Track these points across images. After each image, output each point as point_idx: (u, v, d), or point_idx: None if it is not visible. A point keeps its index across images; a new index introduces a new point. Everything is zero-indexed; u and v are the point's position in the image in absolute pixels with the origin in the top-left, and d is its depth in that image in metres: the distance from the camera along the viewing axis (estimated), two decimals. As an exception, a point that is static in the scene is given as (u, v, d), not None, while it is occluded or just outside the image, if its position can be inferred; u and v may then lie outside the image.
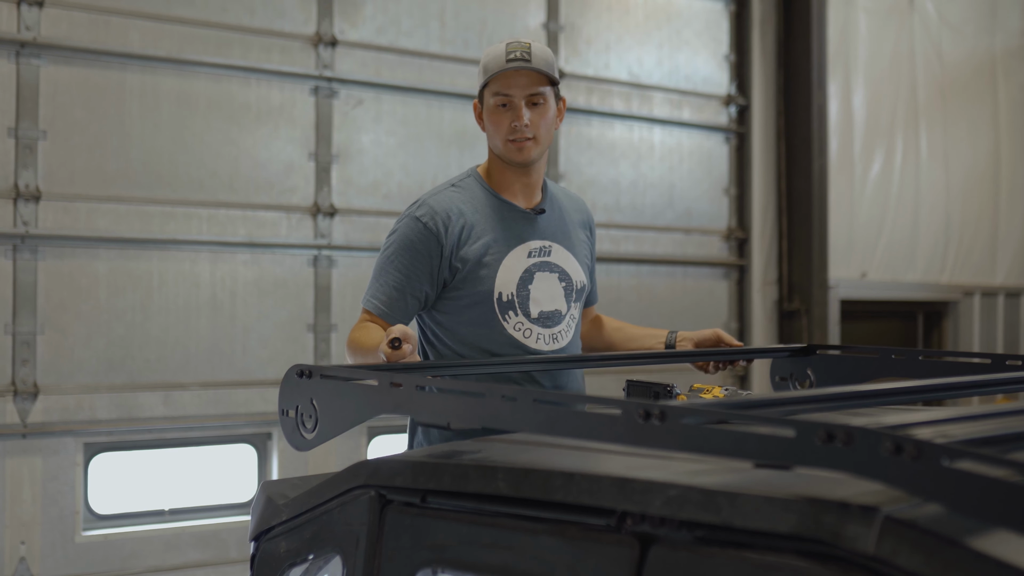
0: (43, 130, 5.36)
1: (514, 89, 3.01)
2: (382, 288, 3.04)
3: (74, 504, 5.45)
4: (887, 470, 1.39)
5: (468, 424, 2.01)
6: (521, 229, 3.11)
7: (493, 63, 3.02)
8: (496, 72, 3.00)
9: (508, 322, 3.04)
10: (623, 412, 1.67)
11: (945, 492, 1.33)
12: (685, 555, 1.63)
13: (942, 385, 2.16)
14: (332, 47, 6.13)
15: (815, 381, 3.08)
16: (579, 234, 3.26)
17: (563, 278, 3.15)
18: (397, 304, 3.02)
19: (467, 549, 1.94)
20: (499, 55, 3.01)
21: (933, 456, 1.35)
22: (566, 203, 3.28)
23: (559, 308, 3.12)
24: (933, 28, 8.91)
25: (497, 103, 3.03)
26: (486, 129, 3.10)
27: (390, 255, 3.05)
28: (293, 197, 6.03)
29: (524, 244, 3.10)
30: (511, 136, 3.03)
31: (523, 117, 3.00)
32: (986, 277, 9.40)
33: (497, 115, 3.04)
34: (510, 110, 3.02)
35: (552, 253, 3.14)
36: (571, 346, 3.17)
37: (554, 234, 3.17)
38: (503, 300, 3.04)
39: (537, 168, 3.14)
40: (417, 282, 3.02)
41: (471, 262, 3.03)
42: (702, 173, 7.74)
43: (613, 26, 7.30)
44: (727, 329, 7.85)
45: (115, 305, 5.54)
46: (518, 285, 3.06)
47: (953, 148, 9.10)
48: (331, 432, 2.27)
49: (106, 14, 5.53)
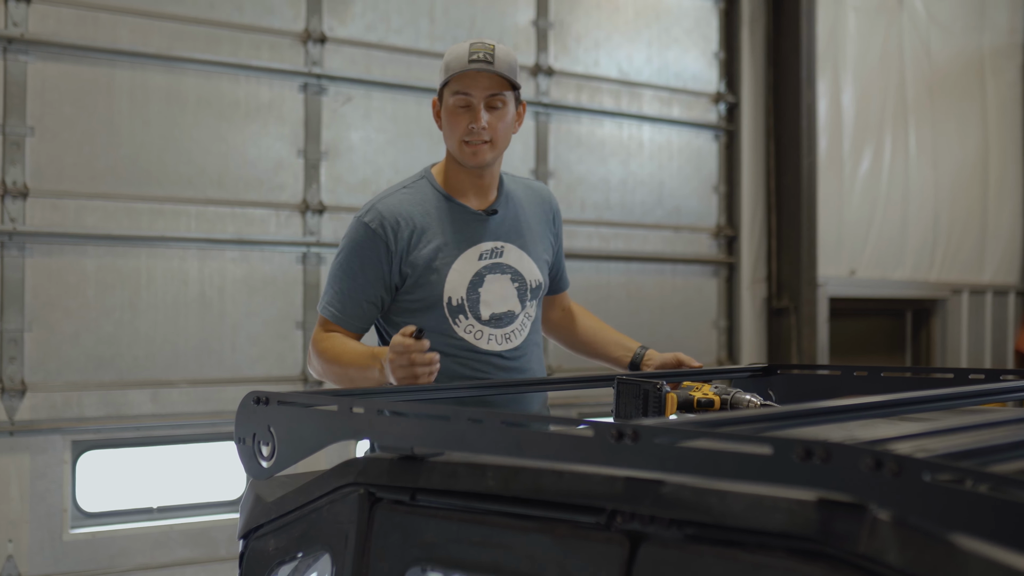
0: (31, 127, 5.34)
1: (474, 90, 2.98)
2: (337, 295, 3.04)
3: (62, 502, 5.44)
4: (867, 486, 1.38)
5: (433, 448, 2.00)
6: (472, 231, 3.09)
7: (455, 62, 2.98)
8: (457, 71, 2.97)
9: (459, 325, 3.03)
10: (595, 433, 1.66)
11: (927, 507, 1.32)
12: (675, 553, 1.63)
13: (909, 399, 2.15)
14: (321, 44, 6.12)
15: (777, 401, 3.06)
16: (538, 229, 3.23)
17: (516, 278, 3.12)
18: (353, 311, 3.03)
19: (456, 547, 1.94)
20: (462, 54, 2.98)
21: (914, 471, 1.34)
22: (525, 197, 3.25)
23: (512, 309, 3.11)
24: (922, 26, 8.93)
25: (456, 103, 3.00)
26: (443, 128, 3.07)
27: (342, 261, 3.05)
28: (282, 194, 6.02)
29: (475, 247, 3.08)
30: (467, 137, 3.00)
31: (481, 119, 2.97)
32: (974, 275, 9.43)
33: (455, 115, 3.01)
34: (468, 111, 2.99)
35: (504, 254, 3.11)
36: (526, 344, 3.15)
37: (507, 234, 3.14)
38: (453, 304, 3.03)
39: (491, 170, 3.12)
40: (371, 288, 3.01)
41: (420, 267, 3.01)
42: (691, 171, 7.75)
43: (602, 23, 7.30)
44: (716, 327, 7.86)
45: (103, 302, 5.52)
46: (468, 289, 3.04)
47: (942, 146, 9.12)
48: (290, 460, 2.22)
49: (95, 10, 5.51)
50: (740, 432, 1.64)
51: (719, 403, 2.61)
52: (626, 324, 7.15)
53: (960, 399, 2.30)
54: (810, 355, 7.93)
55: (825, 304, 8.14)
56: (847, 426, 2.14)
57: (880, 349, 9.29)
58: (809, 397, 2.99)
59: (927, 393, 2.20)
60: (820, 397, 2.87)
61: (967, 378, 2.80)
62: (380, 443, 2.17)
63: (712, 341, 7.87)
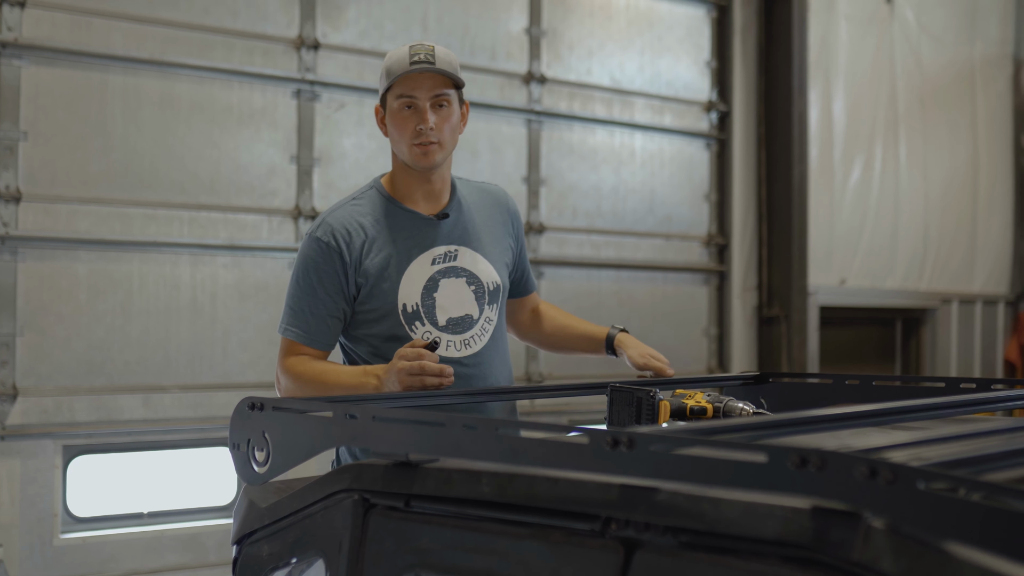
0: (24, 131, 5.34)
1: (418, 91, 2.97)
2: (299, 315, 3.01)
3: (52, 507, 5.43)
4: (862, 494, 1.38)
5: (428, 454, 2.00)
6: (424, 236, 3.06)
7: (396, 66, 2.97)
8: (400, 74, 2.95)
9: (416, 332, 3.00)
10: (591, 440, 1.66)
11: (922, 515, 1.33)
12: (669, 560, 1.64)
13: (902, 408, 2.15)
14: (315, 50, 6.12)
15: (769, 409, 3.07)
16: (494, 231, 3.21)
17: (472, 281, 3.09)
18: (318, 327, 3.00)
19: (451, 553, 1.94)
20: (402, 58, 2.97)
21: (909, 479, 1.34)
22: (479, 200, 3.22)
23: (469, 313, 3.08)
24: (913, 36, 8.96)
25: (401, 105, 2.98)
26: (389, 134, 3.05)
27: (298, 280, 3.01)
28: (274, 200, 6.02)
29: (427, 252, 3.06)
30: (416, 140, 2.98)
31: (428, 120, 2.96)
32: (964, 285, 9.46)
33: (401, 118, 2.99)
34: (414, 113, 2.98)
35: (458, 257, 3.09)
36: (488, 350, 3.11)
37: (460, 237, 3.11)
38: (408, 311, 3.00)
39: (440, 173, 3.09)
40: (332, 302, 2.98)
41: (373, 276, 2.99)
42: (683, 179, 7.76)
43: (595, 32, 7.31)
44: (707, 335, 7.88)
45: (95, 307, 5.52)
46: (422, 294, 3.02)
47: (932, 156, 9.15)
48: (284, 465, 2.22)
49: (88, 15, 5.51)
50: (735, 440, 1.64)
51: (712, 411, 2.62)
52: (617, 332, 7.16)
53: (952, 408, 2.31)
54: (800, 363, 7.95)
55: (815, 313, 8.17)
56: (840, 434, 2.15)
57: (870, 358, 9.31)
58: (801, 406, 2.99)
59: (920, 402, 2.20)
60: (812, 406, 2.88)
61: (959, 387, 2.81)
62: (374, 449, 2.17)
63: (703, 349, 7.88)
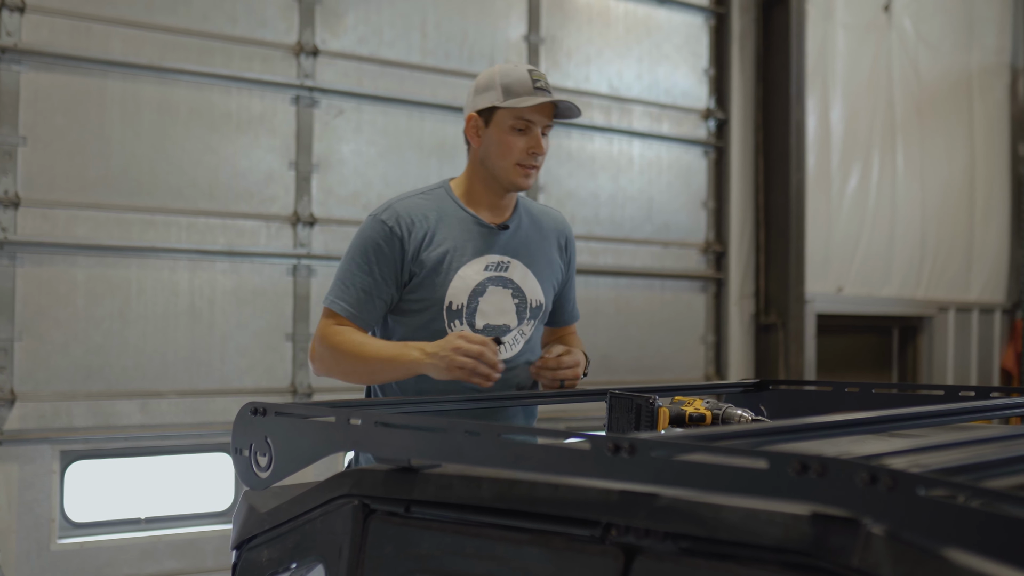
0: (23, 136, 5.35)
1: (538, 117, 3.05)
2: (349, 290, 3.02)
3: (50, 512, 5.43)
4: (862, 501, 1.39)
5: (430, 460, 2.01)
6: (482, 242, 3.11)
7: (519, 86, 3.03)
8: (527, 102, 3.01)
9: (452, 330, 3.03)
10: (592, 446, 1.66)
11: (922, 522, 1.33)
12: (670, 566, 1.64)
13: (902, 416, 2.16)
14: (314, 57, 6.13)
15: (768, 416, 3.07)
16: (547, 252, 3.25)
17: (516, 294, 3.13)
18: (365, 307, 3.02)
19: (451, 559, 1.95)
20: (524, 79, 3.03)
21: (909, 486, 1.35)
22: (539, 220, 3.27)
23: (507, 323, 3.11)
24: (910, 45, 8.98)
25: (515, 126, 3.04)
26: (488, 147, 3.09)
27: (355, 257, 3.04)
28: (273, 206, 6.03)
29: (482, 257, 3.10)
30: (523, 161, 3.05)
31: (543, 146, 3.05)
32: (961, 293, 9.47)
33: (511, 137, 3.04)
34: (525, 135, 3.05)
35: (510, 269, 3.13)
36: (513, 361, 3.12)
37: (516, 251, 3.16)
38: (452, 309, 3.04)
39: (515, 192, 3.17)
40: (384, 285, 3.02)
41: (428, 268, 3.02)
42: (681, 186, 7.77)
43: (594, 39, 7.33)
44: (704, 342, 7.89)
45: (93, 312, 5.52)
46: (470, 296, 3.05)
47: (929, 164, 9.16)
48: (287, 470, 2.22)
49: (88, 21, 5.52)
50: (736, 446, 1.65)
51: (711, 418, 2.62)
52: (615, 339, 7.18)
53: (952, 416, 2.31)
54: (797, 371, 7.95)
55: (812, 320, 8.17)
56: (839, 441, 2.15)
57: (867, 366, 9.32)
58: (800, 413, 2.99)
59: (919, 409, 2.21)
60: (811, 413, 2.88)
61: (958, 395, 2.82)
62: (377, 454, 2.17)
63: (700, 356, 7.89)
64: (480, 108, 3.08)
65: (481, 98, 3.08)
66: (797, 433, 1.96)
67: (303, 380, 6.06)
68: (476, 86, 3.11)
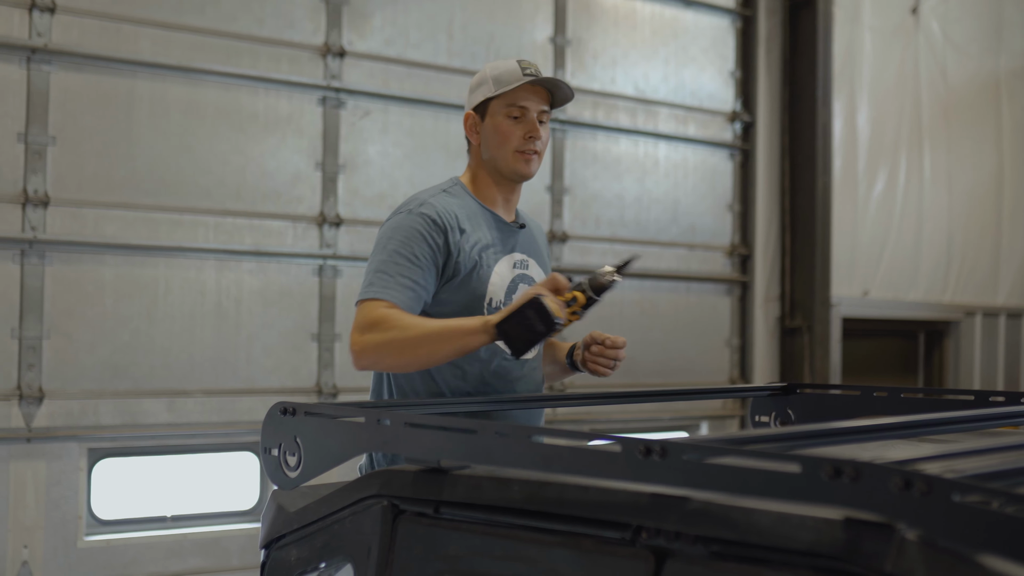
0: (52, 136, 5.38)
1: (531, 102, 3.04)
2: (393, 281, 2.88)
3: (77, 509, 5.46)
4: (896, 506, 1.38)
5: (460, 461, 2.00)
6: (507, 240, 3.11)
7: (508, 76, 3.04)
8: (515, 84, 3.01)
9: None
10: (623, 448, 1.66)
11: (956, 528, 1.32)
12: (700, 570, 1.64)
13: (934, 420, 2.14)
14: (340, 58, 6.15)
15: (796, 420, 3.06)
16: (545, 255, 3.29)
17: None
18: (411, 297, 2.88)
19: (480, 560, 1.95)
20: (513, 68, 3.05)
21: (944, 491, 1.34)
22: (531, 222, 3.30)
23: None
24: (938, 48, 8.94)
25: (509, 114, 3.05)
26: (486, 140, 3.11)
27: (398, 249, 2.92)
28: (299, 207, 6.04)
29: (511, 254, 3.10)
30: (522, 147, 3.04)
31: (538, 130, 3.04)
32: (988, 297, 9.42)
33: (508, 126, 3.05)
34: (522, 123, 3.04)
35: (529, 267, 3.15)
36: (537, 360, 3.16)
37: (530, 250, 3.18)
38: (492, 306, 3.00)
39: (520, 187, 3.18)
40: (430, 275, 2.92)
41: (467, 265, 2.98)
42: (706, 189, 7.76)
43: (620, 41, 7.32)
44: (729, 346, 7.87)
45: (121, 311, 5.55)
46: (506, 293, 3.04)
47: (956, 168, 9.12)
48: (316, 470, 2.22)
49: (117, 21, 5.55)
50: (768, 450, 1.64)
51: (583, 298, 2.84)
52: (639, 341, 7.16)
53: (984, 421, 2.30)
54: (822, 375, 7.93)
55: (838, 324, 8.14)
56: (869, 446, 2.15)
57: (893, 370, 9.28)
58: (827, 417, 3.00)
59: (951, 414, 2.20)
60: (839, 417, 2.88)
61: (988, 400, 2.80)
62: (405, 456, 2.17)
63: (725, 359, 7.87)
64: (475, 104, 3.12)
65: (475, 95, 3.12)
66: (827, 437, 1.95)
67: (328, 380, 6.07)
68: (470, 86, 3.15)
